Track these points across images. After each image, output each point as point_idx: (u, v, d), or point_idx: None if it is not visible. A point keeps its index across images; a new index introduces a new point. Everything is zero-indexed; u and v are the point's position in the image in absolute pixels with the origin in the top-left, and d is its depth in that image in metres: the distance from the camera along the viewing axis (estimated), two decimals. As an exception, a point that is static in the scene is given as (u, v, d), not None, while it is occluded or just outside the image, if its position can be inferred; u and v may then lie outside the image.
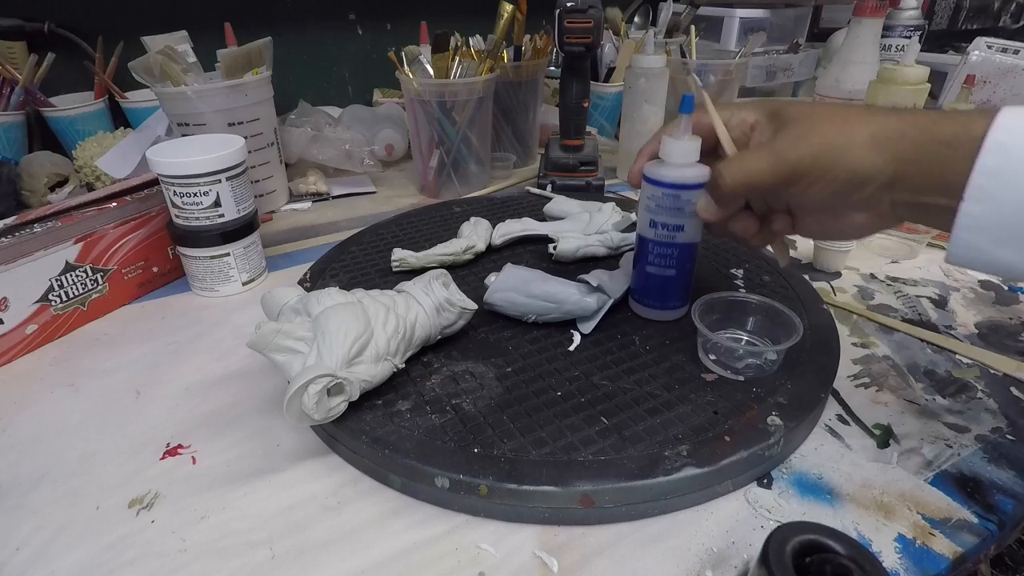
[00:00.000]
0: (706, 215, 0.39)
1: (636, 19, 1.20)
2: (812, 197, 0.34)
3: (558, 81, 0.78)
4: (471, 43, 0.81)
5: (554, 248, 0.56)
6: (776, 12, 1.14)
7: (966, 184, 0.28)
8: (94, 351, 0.48)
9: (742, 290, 0.51)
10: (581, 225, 0.59)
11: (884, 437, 0.38)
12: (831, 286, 0.56)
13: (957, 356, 0.46)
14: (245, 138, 0.55)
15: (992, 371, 0.44)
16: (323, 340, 0.35)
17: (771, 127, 0.36)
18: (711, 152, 0.41)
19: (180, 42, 0.69)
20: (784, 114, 0.35)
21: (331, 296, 0.38)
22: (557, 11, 0.65)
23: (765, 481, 0.35)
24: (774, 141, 0.35)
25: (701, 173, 0.41)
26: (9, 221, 0.48)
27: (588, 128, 0.80)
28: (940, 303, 0.53)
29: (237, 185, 0.53)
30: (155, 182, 0.56)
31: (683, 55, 0.84)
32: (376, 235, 0.63)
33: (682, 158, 0.41)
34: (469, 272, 0.55)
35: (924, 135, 0.30)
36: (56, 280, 0.49)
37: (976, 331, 0.49)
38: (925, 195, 0.31)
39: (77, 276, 0.50)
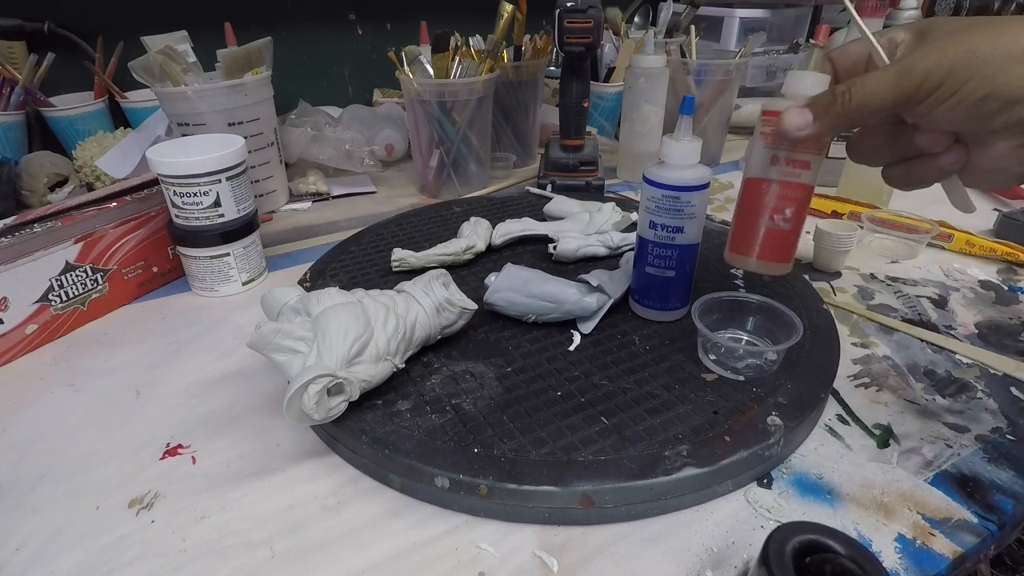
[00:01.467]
0: (791, 125, 0.33)
1: (636, 19, 1.20)
2: (942, 118, 0.30)
3: (558, 81, 0.78)
4: (471, 43, 0.81)
5: (554, 248, 0.56)
6: (776, 12, 1.14)
7: None
8: (94, 351, 0.48)
9: (742, 290, 0.51)
10: (581, 225, 0.59)
11: (884, 437, 0.38)
12: (831, 286, 0.56)
13: (957, 356, 0.46)
14: (245, 138, 0.55)
15: (992, 371, 0.44)
16: (323, 340, 0.35)
17: (915, 43, 0.32)
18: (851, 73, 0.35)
19: (180, 42, 0.69)
20: (934, 29, 0.31)
21: (331, 296, 0.38)
22: (557, 11, 0.65)
23: (765, 481, 0.35)
24: (907, 56, 0.30)
25: (701, 175, 0.41)
26: (9, 221, 0.48)
27: (588, 128, 0.80)
28: (940, 303, 0.53)
29: (237, 185, 0.53)
30: (155, 182, 0.56)
31: (683, 55, 0.84)
32: (376, 235, 0.63)
33: (682, 160, 0.41)
34: (469, 272, 0.55)
35: None
36: (56, 280, 0.49)
37: (976, 331, 0.49)
38: None
39: (77, 276, 0.50)
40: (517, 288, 0.45)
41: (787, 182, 0.39)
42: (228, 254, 0.54)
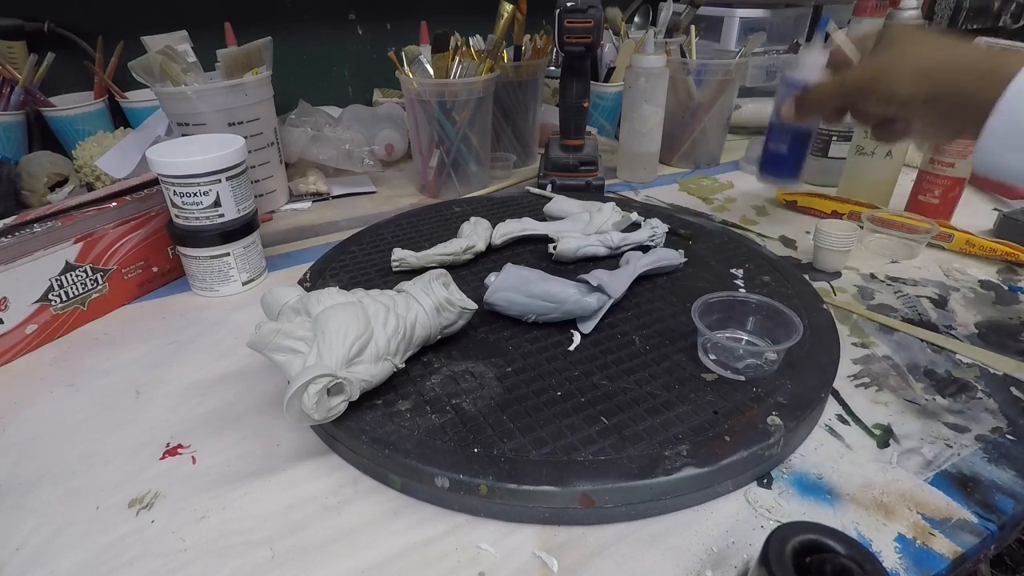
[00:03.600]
0: (785, 114, 0.51)
1: (636, 19, 1.20)
2: (870, 107, 0.44)
3: (558, 81, 0.78)
4: (471, 43, 0.81)
5: (554, 248, 0.55)
6: (776, 12, 1.14)
7: (995, 104, 0.35)
8: (94, 351, 0.48)
9: (742, 290, 0.51)
10: (581, 225, 0.59)
11: (884, 437, 0.38)
12: (831, 286, 0.56)
13: (957, 356, 0.46)
14: (245, 138, 0.55)
15: (992, 371, 0.44)
16: (323, 340, 0.35)
17: (873, 48, 0.44)
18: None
19: (180, 42, 0.69)
20: (885, 38, 0.44)
21: (331, 296, 0.38)
22: (557, 11, 0.65)
23: (765, 481, 0.35)
24: (860, 63, 0.46)
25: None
26: (9, 221, 0.48)
27: (588, 128, 0.80)
28: (940, 303, 0.53)
29: (237, 185, 0.53)
30: (155, 182, 0.56)
31: (683, 55, 0.84)
32: (376, 235, 0.63)
33: (814, 63, 0.60)
34: (469, 272, 0.55)
35: (964, 69, 0.38)
36: (56, 280, 0.49)
37: (976, 331, 0.49)
38: (959, 112, 0.38)
39: (77, 276, 0.50)
40: (517, 288, 0.45)
41: None
42: (228, 254, 0.54)
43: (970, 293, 0.54)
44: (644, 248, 0.57)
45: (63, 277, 0.49)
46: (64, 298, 0.49)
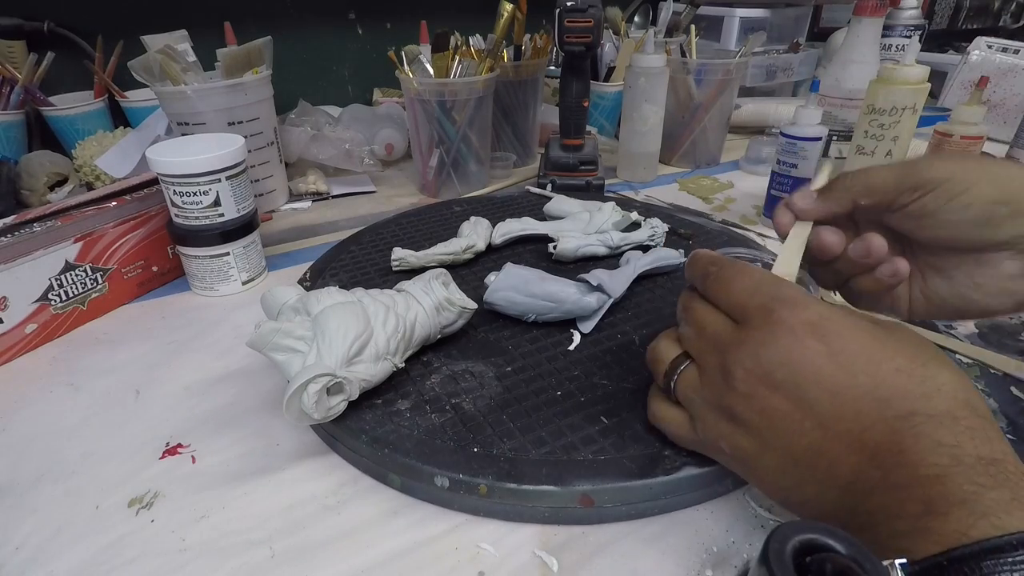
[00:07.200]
0: (800, 203, 0.35)
1: (636, 18, 1.20)
2: (949, 219, 0.29)
3: (558, 81, 0.78)
4: (471, 42, 0.81)
5: (554, 248, 0.55)
6: (776, 12, 1.14)
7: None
8: (94, 350, 0.48)
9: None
10: (581, 224, 0.59)
11: (884, 437, 0.38)
12: (831, 286, 0.56)
13: (957, 356, 0.46)
14: (245, 137, 0.55)
15: (992, 371, 0.44)
16: (323, 339, 0.35)
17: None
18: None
19: (180, 41, 0.69)
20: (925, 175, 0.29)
21: (331, 295, 0.38)
22: (557, 10, 0.65)
23: (765, 481, 0.35)
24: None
25: (817, 132, 0.60)
26: (9, 220, 0.48)
27: (588, 128, 0.80)
28: (940, 303, 0.53)
29: (237, 184, 0.53)
30: (155, 181, 0.56)
31: (683, 55, 0.84)
32: (376, 234, 0.63)
33: (808, 120, 0.62)
34: (469, 272, 0.55)
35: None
36: (56, 279, 0.49)
37: (976, 331, 0.49)
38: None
39: (77, 275, 0.50)
40: (517, 288, 0.45)
41: None
42: (228, 253, 0.54)
43: (970, 293, 0.54)
44: (644, 248, 0.57)
45: (63, 276, 0.49)
46: (64, 297, 0.49)
